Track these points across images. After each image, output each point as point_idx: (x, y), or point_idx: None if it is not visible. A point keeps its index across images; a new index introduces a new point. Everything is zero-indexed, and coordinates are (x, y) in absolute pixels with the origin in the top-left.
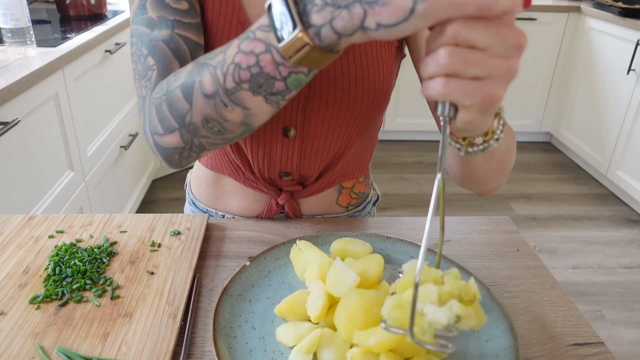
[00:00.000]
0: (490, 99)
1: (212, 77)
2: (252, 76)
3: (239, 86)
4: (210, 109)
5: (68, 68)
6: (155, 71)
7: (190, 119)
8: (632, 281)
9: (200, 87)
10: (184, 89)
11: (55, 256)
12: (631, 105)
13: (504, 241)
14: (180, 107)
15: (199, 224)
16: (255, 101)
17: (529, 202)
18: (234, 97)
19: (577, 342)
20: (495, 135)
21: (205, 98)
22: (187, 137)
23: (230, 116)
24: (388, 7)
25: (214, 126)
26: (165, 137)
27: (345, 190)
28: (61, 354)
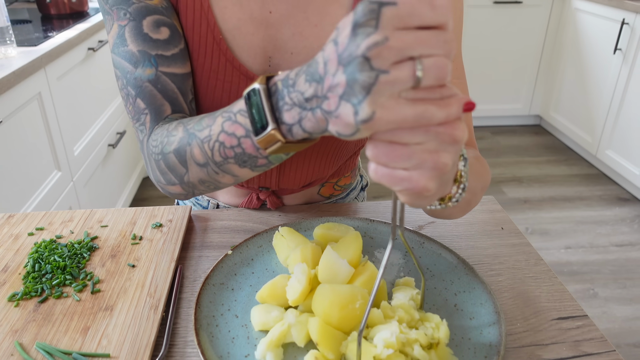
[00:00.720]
0: (417, 189)
1: (201, 150)
2: (236, 155)
3: (226, 161)
4: (204, 174)
5: (50, 67)
6: (148, 115)
7: (188, 179)
8: (624, 259)
9: (192, 157)
10: (177, 155)
11: (34, 253)
12: (618, 84)
13: (488, 220)
14: (177, 170)
15: (181, 216)
16: (242, 171)
17: (520, 185)
18: (223, 168)
19: (560, 316)
20: (453, 199)
21: (198, 166)
22: (188, 189)
23: (223, 180)
24: (339, 120)
25: (210, 185)
26: (168, 186)
27: (329, 184)
28: (40, 350)
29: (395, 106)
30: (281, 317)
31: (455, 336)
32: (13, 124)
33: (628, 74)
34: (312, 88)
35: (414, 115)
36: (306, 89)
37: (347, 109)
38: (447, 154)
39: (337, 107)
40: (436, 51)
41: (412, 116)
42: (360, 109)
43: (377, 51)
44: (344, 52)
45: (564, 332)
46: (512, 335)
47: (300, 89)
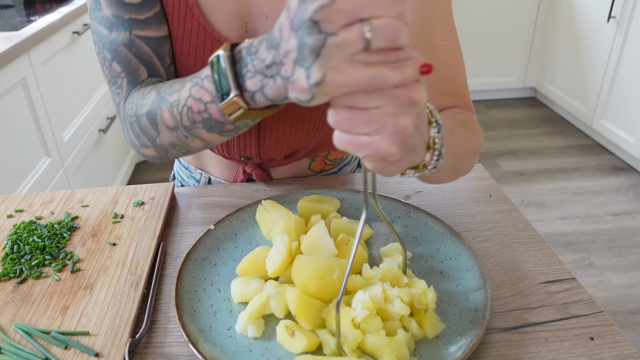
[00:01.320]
0: (379, 153)
1: (171, 114)
2: (203, 119)
3: (194, 125)
4: (174, 138)
5: (34, 52)
6: (124, 79)
7: (160, 142)
8: (620, 227)
9: (162, 121)
10: (149, 118)
11: (13, 235)
12: (612, 52)
13: (476, 188)
14: (150, 132)
15: (163, 193)
16: (211, 136)
17: (515, 158)
18: (192, 132)
19: (548, 280)
20: (429, 166)
21: (168, 129)
22: (161, 152)
23: (193, 144)
24: (295, 85)
25: (181, 149)
26: (142, 149)
27: (319, 157)
28: (18, 330)
29: (347, 69)
30: (261, 289)
31: (440, 302)
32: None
33: (622, 42)
34: (271, 55)
35: (367, 78)
36: (266, 56)
37: (301, 74)
38: (406, 116)
39: (292, 72)
40: (386, 12)
41: (365, 79)
42: (311, 72)
43: (325, 14)
44: (294, 17)
45: (552, 296)
46: (498, 300)
47: (262, 56)
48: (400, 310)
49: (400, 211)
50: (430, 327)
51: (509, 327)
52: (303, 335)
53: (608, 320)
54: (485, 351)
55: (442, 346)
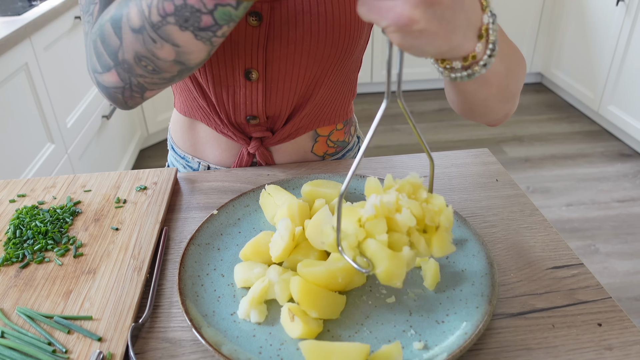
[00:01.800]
0: (400, 19)
1: (138, 10)
2: (176, 8)
3: (165, 20)
4: (140, 45)
5: (36, 37)
6: (97, 5)
7: (123, 56)
8: (626, 214)
9: (127, 21)
10: (113, 22)
11: (15, 219)
12: (621, 37)
13: (482, 173)
14: (112, 42)
15: (166, 178)
16: (184, 37)
17: (521, 144)
18: (161, 32)
19: (555, 265)
20: (479, 61)
21: (133, 33)
22: (124, 76)
23: (161, 53)
24: None
25: (148, 64)
26: (104, 75)
27: (322, 138)
28: (21, 314)
29: None
30: (264, 273)
31: (446, 288)
32: (0, 96)
33: (631, 26)
34: None
35: None
36: None
37: None
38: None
39: None
40: None
41: None
42: None
43: None
44: None
45: (559, 281)
46: (505, 286)
47: None
48: (406, 220)
49: None
50: (438, 246)
51: (516, 313)
52: (301, 322)
53: (616, 306)
54: (492, 337)
55: (447, 331)
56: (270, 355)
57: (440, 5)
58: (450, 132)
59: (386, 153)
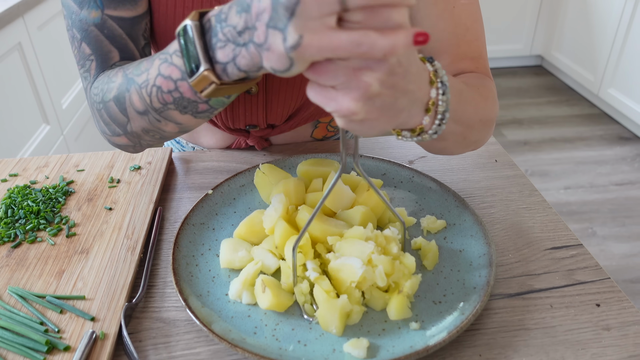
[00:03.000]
0: (340, 110)
1: (139, 97)
2: (174, 100)
3: (166, 107)
4: (146, 123)
5: (29, 15)
6: (93, 62)
7: (131, 129)
8: (624, 197)
9: (131, 105)
10: (117, 103)
11: (7, 199)
12: (622, 19)
13: (481, 153)
14: (119, 119)
15: (160, 158)
16: (184, 118)
17: (520, 127)
18: (164, 115)
19: (554, 246)
20: (429, 131)
21: (139, 115)
22: (134, 140)
23: (167, 128)
24: (271, 53)
25: (155, 134)
26: (113, 138)
27: (322, 124)
28: (13, 294)
29: (326, 31)
30: (248, 257)
31: (444, 268)
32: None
33: (633, 9)
34: (242, 19)
35: (349, 42)
36: (237, 21)
37: (276, 37)
38: (371, 72)
39: (266, 37)
40: None
41: (348, 42)
42: (287, 34)
43: None
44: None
45: (557, 262)
46: (503, 266)
47: (232, 23)
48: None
49: (404, 176)
50: (396, 309)
51: (514, 294)
52: (271, 295)
53: (614, 287)
54: (489, 317)
55: (444, 312)
56: (265, 335)
57: (380, 96)
58: None
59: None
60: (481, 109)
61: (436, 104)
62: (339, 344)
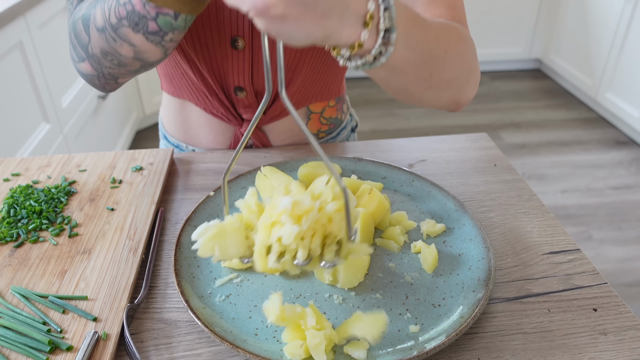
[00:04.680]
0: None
1: (102, 12)
2: (127, 13)
3: (120, 22)
4: (104, 42)
5: (30, 14)
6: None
7: (92, 50)
8: (620, 201)
9: (94, 21)
10: (83, 20)
11: (9, 198)
12: (621, 24)
13: (481, 157)
14: (82, 38)
15: (162, 159)
16: (137, 38)
17: (518, 130)
18: (119, 33)
19: (552, 251)
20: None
21: (98, 32)
22: (96, 67)
23: (122, 51)
24: None
25: (113, 59)
26: (80, 64)
27: (314, 115)
28: (15, 294)
29: None
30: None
31: (443, 272)
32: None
33: (631, 13)
34: None
35: None
36: None
37: None
38: None
39: None
40: None
41: None
42: None
43: None
44: None
45: (555, 266)
46: (501, 270)
47: None
48: None
49: (404, 180)
50: None
51: (512, 298)
52: None
53: (612, 292)
54: (487, 321)
55: (443, 315)
56: (267, 336)
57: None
58: (447, 117)
59: (383, 137)
60: (447, 43)
61: (376, 19)
62: (340, 347)
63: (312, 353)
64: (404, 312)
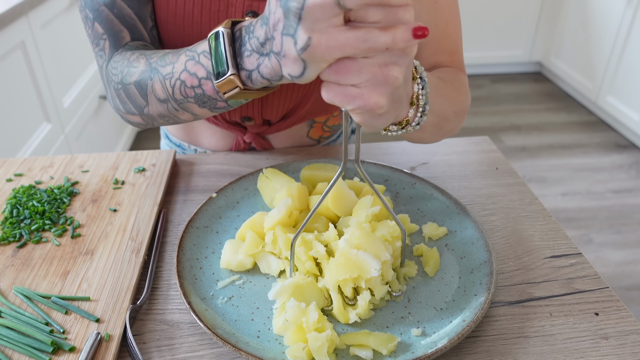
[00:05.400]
0: (369, 105)
1: (162, 86)
2: (196, 95)
3: (186, 99)
4: (164, 110)
5: (33, 14)
6: (106, 41)
7: (148, 112)
8: (620, 205)
9: (152, 92)
10: (138, 87)
11: (12, 199)
12: (622, 27)
13: (482, 161)
14: (138, 101)
15: (164, 160)
16: (202, 111)
17: (518, 133)
18: (183, 106)
19: (554, 255)
20: (412, 122)
21: (159, 101)
22: (147, 120)
23: (182, 117)
24: (287, 59)
25: (169, 120)
26: (127, 115)
27: (317, 124)
28: (18, 294)
29: (333, 31)
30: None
31: (445, 275)
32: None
33: (632, 17)
34: (264, 31)
35: (355, 39)
36: (260, 33)
37: (289, 43)
38: (397, 67)
39: (281, 44)
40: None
41: (353, 40)
42: (297, 37)
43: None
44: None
45: (557, 270)
46: (503, 274)
47: (257, 34)
48: None
49: (406, 183)
50: None
51: (514, 301)
52: None
53: (613, 296)
54: (489, 324)
55: (445, 319)
56: (269, 339)
57: (399, 88)
58: None
59: (385, 140)
60: (455, 102)
61: (418, 98)
62: (342, 350)
63: (315, 356)
64: (406, 316)
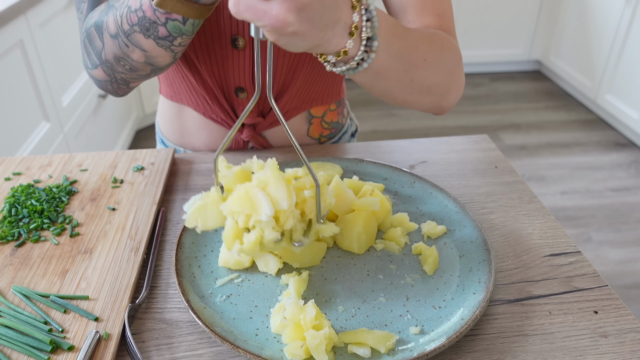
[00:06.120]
0: (275, 22)
1: (114, 19)
2: (139, 19)
3: (132, 28)
4: (117, 48)
5: (31, 12)
6: (86, 3)
7: (105, 56)
8: (619, 203)
9: (107, 28)
10: (96, 27)
11: (10, 197)
12: (621, 26)
13: (482, 159)
14: (96, 45)
15: (163, 159)
16: (148, 43)
17: (518, 132)
18: (131, 39)
19: (553, 253)
20: (354, 56)
21: (111, 38)
22: (109, 72)
23: (134, 56)
24: None
25: (125, 64)
26: (93, 71)
27: (316, 119)
28: (17, 293)
29: None
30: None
31: (444, 273)
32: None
33: (631, 15)
34: None
35: None
36: None
37: None
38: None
39: None
40: None
41: None
42: None
43: None
44: None
45: (556, 269)
46: (502, 272)
47: None
48: None
49: (405, 181)
50: None
51: (513, 300)
52: None
53: (612, 294)
54: (488, 323)
55: (444, 317)
56: (267, 337)
57: (311, 7)
58: (447, 118)
59: (383, 138)
60: (426, 51)
61: (360, 29)
62: (340, 348)
63: (313, 353)
64: (404, 314)
